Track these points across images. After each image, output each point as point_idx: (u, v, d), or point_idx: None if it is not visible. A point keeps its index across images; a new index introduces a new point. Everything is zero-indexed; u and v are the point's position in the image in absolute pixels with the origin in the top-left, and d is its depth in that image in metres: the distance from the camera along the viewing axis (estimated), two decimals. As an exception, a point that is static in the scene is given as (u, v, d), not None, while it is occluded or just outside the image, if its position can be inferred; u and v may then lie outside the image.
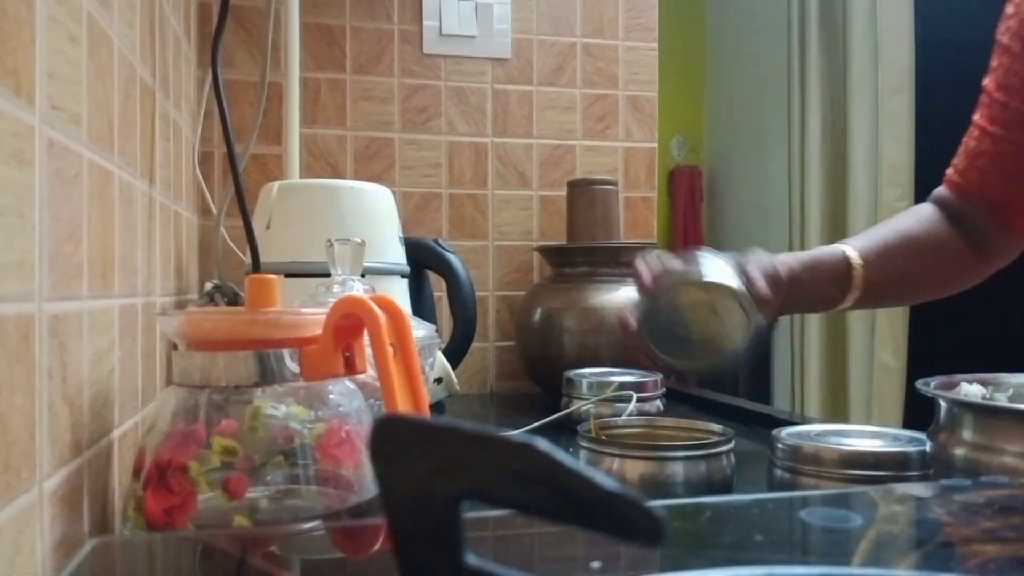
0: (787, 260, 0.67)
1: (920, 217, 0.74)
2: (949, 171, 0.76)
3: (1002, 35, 0.72)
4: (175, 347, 0.46)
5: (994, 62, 0.74)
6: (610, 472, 0.52)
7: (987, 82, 0.74)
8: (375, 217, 0.81)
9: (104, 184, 0.48)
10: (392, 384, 0.43)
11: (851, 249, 0.68)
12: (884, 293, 0.72)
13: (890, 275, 0.69)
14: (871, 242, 0.70)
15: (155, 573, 0.34)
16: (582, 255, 1.01)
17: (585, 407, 0.79)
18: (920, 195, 2.37)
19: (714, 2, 3.29)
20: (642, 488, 0.51)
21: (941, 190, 0.76)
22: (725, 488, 0.53)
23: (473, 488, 0.18)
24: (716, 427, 0.57)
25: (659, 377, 0.80)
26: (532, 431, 0.75)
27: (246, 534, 0.39)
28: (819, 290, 0.68)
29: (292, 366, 0.44)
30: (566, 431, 0.81)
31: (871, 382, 2.28)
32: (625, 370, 0.83)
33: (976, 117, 0.74)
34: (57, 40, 0.39)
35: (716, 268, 0.63)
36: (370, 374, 0.46)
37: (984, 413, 0.42)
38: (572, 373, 0.83)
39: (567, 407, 0.82)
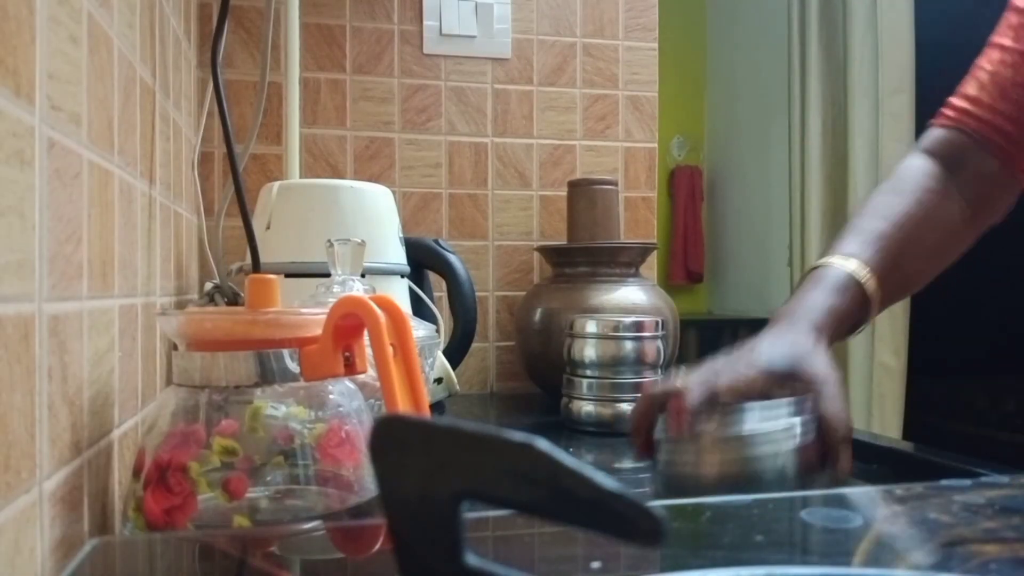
0: (824, 329, 0.56)
1: (917, 189, 0.64)
2: (951, 104, 0.67)
3: None
4: (175, 347, 0.46)
5: None
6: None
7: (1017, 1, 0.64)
8: (375, 217, 0.81)
9: (104, 184, 0.48)
10: (392, 384, 0.43)
11: (869, 279, 0.58)
12: (896, 298, 0.64)
13: (901, 283, 0.63)
14: (880, 254, 0.60)
15: (155, 573, 0.34)
16: (582, 255, 1.01)
17: (586, 409, 0.79)
18: (920, 195, 2.37)
19: (714, 2, 3.29)
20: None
21: (938, 134, 0.67)
22: None
23: (473, 488, 0.18)
24: None
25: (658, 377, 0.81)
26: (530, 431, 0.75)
27: (246, 534, 0.39)
28: (846, 331, 0.60)
29: (292, 366, 0.44)
30: (566, 431, 0.81)
31: (871, 382, 2.28)
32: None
33: (996, 38, 0.65)
34: (57, 40, 0.39)
35: (766, 434, 0.49)
36: (370, 374, 0.46)
37: None
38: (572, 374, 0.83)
39: (567, 407, 0.82)
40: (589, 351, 0.79)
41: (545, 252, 1.07)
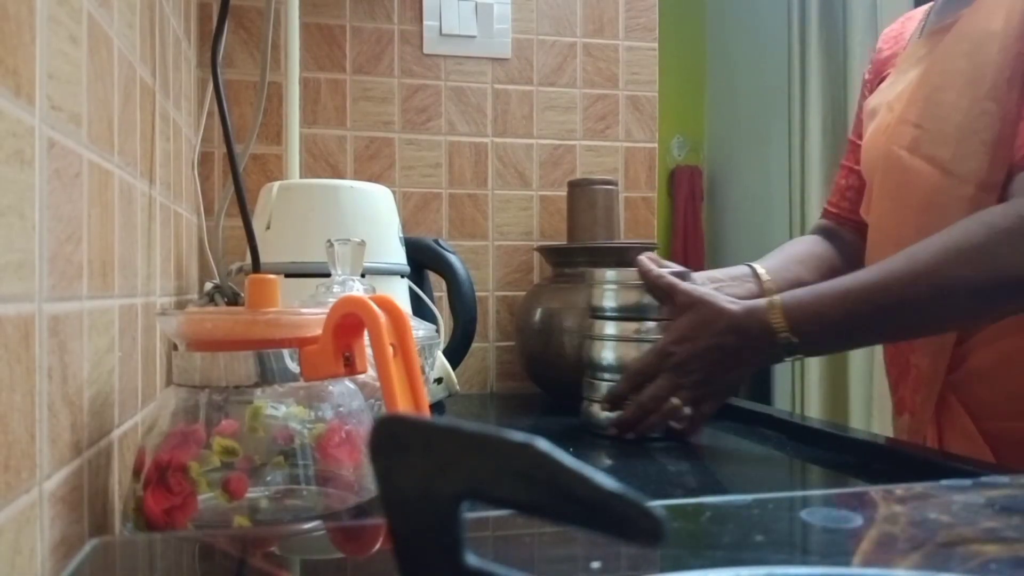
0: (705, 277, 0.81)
1: (807, 241, 0.94)
2: (826, 205, 0.98)
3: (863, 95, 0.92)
4: (175, 347, 0.46)
5: (858, 111, 0.93)
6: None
7: (852, 134, 0.95)
8: (375, 217, 0.81)
9: (104, 184, 0.48)
10: (392, 384, 0.43)
11: (758, 266, 0.83)
12: (794, 285, 0.83)
13: (788, 280, 0.83)
14: (772, 259, 0.88)
15: (155, 573, 0.34)
16: (582, 255, 1.01)
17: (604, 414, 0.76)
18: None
19: (714, 2, 3.29)
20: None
21: (821, 220, 0.97)
22: None
23: (473, 488, 0.18)
24: None
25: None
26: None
27: (246, 534, 0.39)
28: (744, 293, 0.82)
29: (292, 366, 0.44)
30: (571, 433, 0.81)
31: (871, 382, 2.28)
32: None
33: (844, 161, 0.95)
34: (57, 40, 0.39)
35: None
36: (370, 374, 0.46)
37: None
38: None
39: (587, 410, 0.79)
40: (608, 354, 0.77)
41: (545, 252, 1.07)
